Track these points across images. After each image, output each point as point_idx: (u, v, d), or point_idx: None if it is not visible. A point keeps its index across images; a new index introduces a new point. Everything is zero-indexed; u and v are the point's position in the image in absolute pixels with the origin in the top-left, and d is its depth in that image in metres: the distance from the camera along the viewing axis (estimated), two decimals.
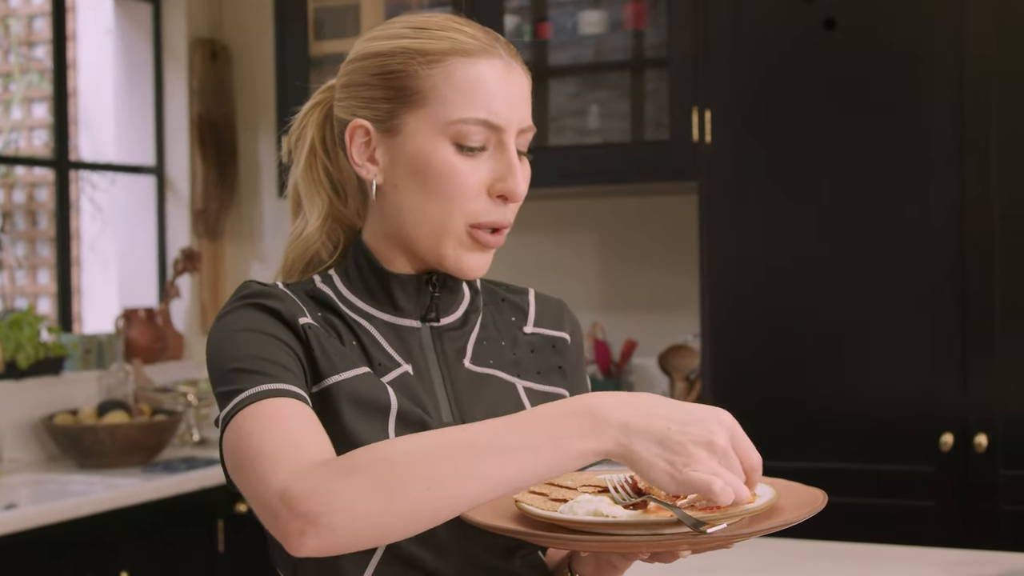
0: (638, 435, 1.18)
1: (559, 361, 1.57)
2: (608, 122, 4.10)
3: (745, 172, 3.47)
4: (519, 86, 1.45)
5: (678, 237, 4.10)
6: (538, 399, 1.52)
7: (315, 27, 4.22)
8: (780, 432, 3.41)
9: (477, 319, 1.54)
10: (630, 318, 4.22)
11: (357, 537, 1.18)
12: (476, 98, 1.41)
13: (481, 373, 1.50)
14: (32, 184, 5.86)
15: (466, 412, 1.46)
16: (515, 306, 1.59)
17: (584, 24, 3.95)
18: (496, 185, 1.43)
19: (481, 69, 1.42)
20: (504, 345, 1.54)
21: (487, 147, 1.42)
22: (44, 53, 5.77)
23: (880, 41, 3.34)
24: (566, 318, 1.61)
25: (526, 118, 1.45)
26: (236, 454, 1.28)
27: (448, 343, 1.49)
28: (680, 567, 2.45)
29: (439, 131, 1.41)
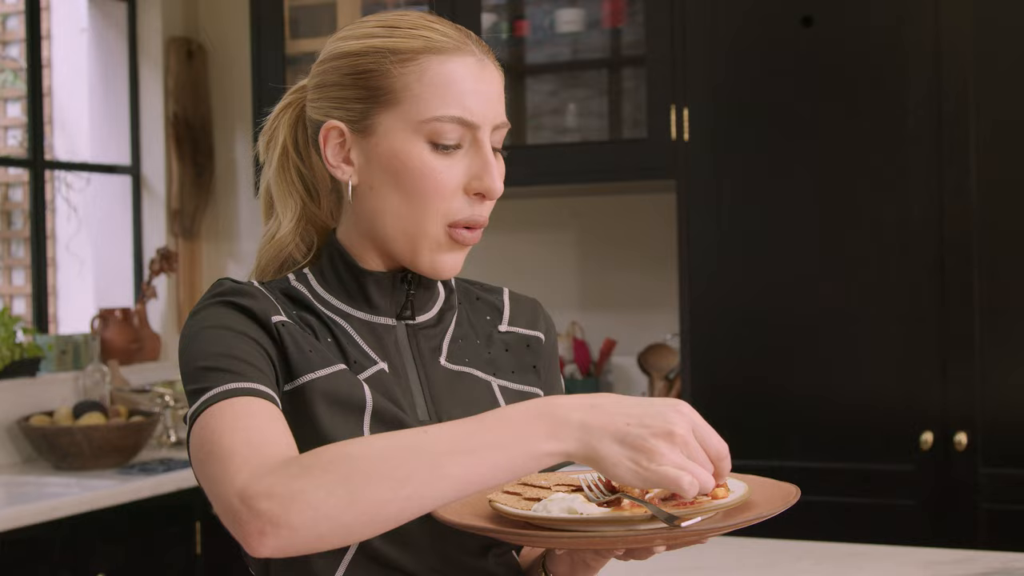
0: (599, 434, 1.19)
1: (533, 360, 1.57)
2: (586, 120, 4.09)
3: (723, 170, 3.47)
4: (492, 83, 1.45)
5: (657, 236, 4.10)
6: (513, 398, 1.52)
7: (291, 26, 4.20)
8: (760, 431, 3.41)
9: (452, 317, 1.53)
10: (609, 317, 4.21)
11: (319, 538, 1.18)
12: (450, 96, 1.41)
13: (457, 371, 1.49)
14: (7, 184, 5.82)
15: (442, 410, 1.45)
16: (490, 305, 1.59)
17: (561, 22, 3.94)
18: (472, 183, 1.42)
19: (454, 67, 1.42)
20: (479, 343, 1.54)
21: (462, 145, 1.42)
22: (18, 52, 5.72)
23: (858, 39, 3.34)
24: (541, 317, 1.61)
25: (500, 114, 1.45)
26: (200, 452, 1.26)
27: (424, 341, 1.49)
28: (660, 567, 2.44)
29: (413, 130, 1.41)
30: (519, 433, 1.19)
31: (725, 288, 3.46)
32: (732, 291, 3.45)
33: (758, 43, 3.44)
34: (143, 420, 4.00)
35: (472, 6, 3.90)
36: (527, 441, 1.19)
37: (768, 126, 3.43)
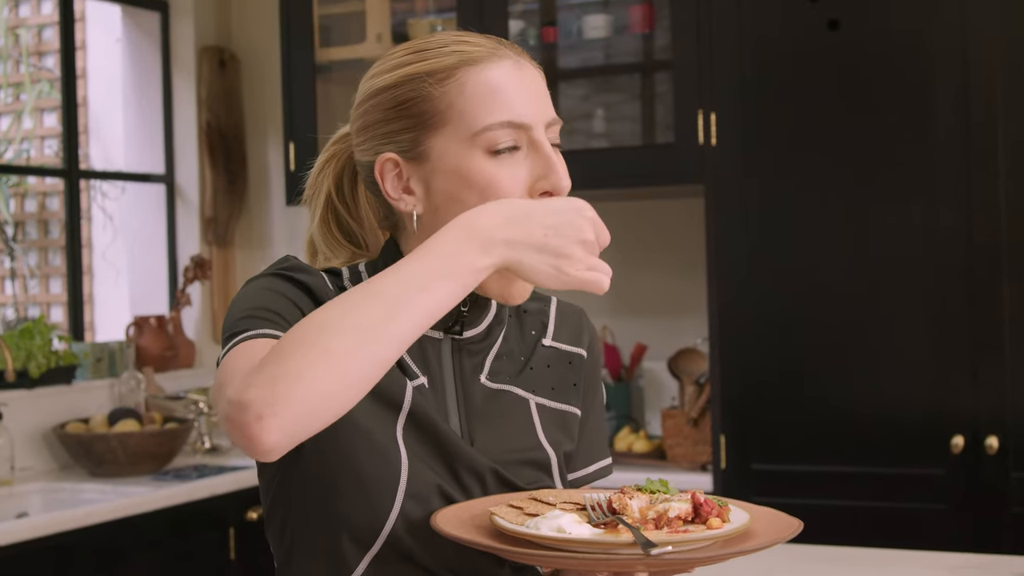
0: (522, 247, 1.29)
1: (575, 378, 1.56)
2: (617, 125, 4.09)
3: (750, 174, 3.47)
4: (534, 80, 1.44)
5: (687, 240, 4.10)
6: (550, 416, 1.52)
7: (320, 34, 4.23)
8: (789, 435, 3.40)
9: (500, 332, 1.52)
10: (639, 322, 4.21)
11: (313, 413, 1.20)
12: (495, 102, 1.40)
13: (496, 389, 1.49)
14: (43, 193, 5.88)
15: (474, 427, 1.46)
16: (536, 318, 1.58)
17: (589, 28, 3.95)
18: (538, 183, 1.41)
19: (492, 73, 1.41)
20: (522, 359, 1.54)
21: (520, 147, 1.41)
22: (54, 63, 5.78)
23: (885, 43, 3.33)
24: (585, 331, 1.61)
25: (550, 111, 1.44)
26: (214, 386, 1.29)
27: (467, 357, 1.49)
28: None
29: (468, 145, 1.40)
30: (457, 259, 1.26)
31: (754, 292, 3.46)
32: (761, 295, 3.45)
33: (785, 47, 3.44)
34: (177, 427, 4.03)
35: (500, 13, 3.92)
36: (466, 262, 1.26)
37: (795, 130, 3.42)
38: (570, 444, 1.53)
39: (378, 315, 1.22)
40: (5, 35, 5.89)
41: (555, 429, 1.52)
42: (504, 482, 1.45)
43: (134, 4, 4.74)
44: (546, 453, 1.49)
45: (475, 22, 3.93)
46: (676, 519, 1.29)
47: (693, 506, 1.30)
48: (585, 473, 1.57)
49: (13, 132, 5.87)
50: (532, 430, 1.50)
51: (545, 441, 1.50)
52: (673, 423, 3.78)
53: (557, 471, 1.50)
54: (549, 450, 1.50)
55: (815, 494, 3.37)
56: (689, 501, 1.31)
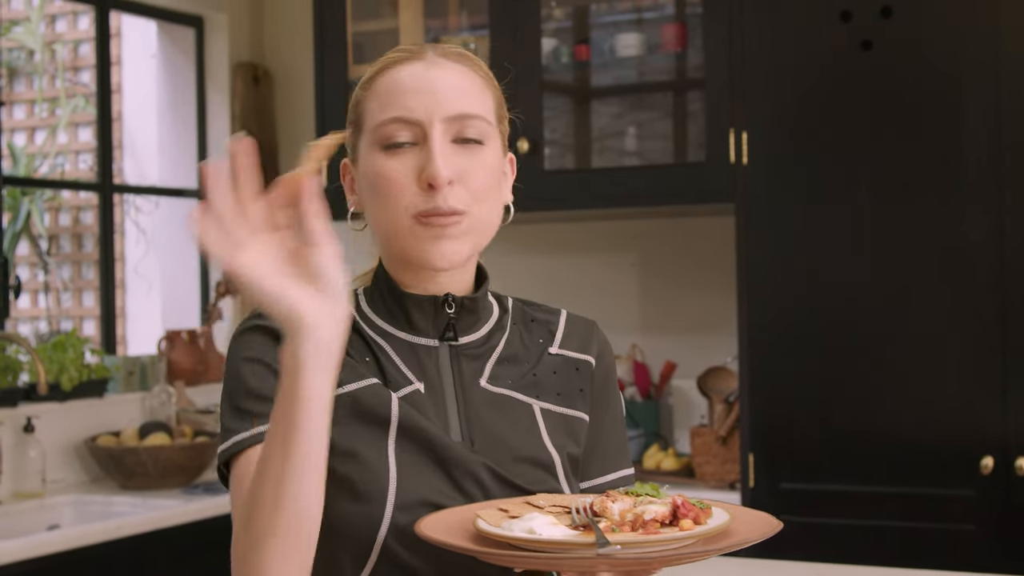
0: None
1: (581, 383, 1.58)
2: (650, 143, 4.10)
3: (782, 193, 3.47)
4: (443, 79, 1.49)
5: (717, 259, 4.10)
6: (555, 420, 1.53)
7: (354, 51, 4.25)
8: (819, 454, 3.39)
9: (502, 337, 1.56)
10: (669, 340, 4.21)
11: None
12: (391, 100, 1.48)
13: (497, 393, 1.52)
14: (78, 207, 5.93)
15: (476, 431, 1.48)
16: (544, 326, 1.60)
17: (622, 46, 3.96)
18: (422, 175, 1.46)
19: (398, 75, 1.49)
20: (527, 365, 1.55)
21: (417, 143, 1.47)
22: (89, 78, 5.83)
23: (917, 62, 3.33)
24: (595, 341, 1.62)
25: (457, 107, 1.48)
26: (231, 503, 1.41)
27: (466, 362, 1.52)
28: None
29: (371, 142, 1.49)
30: (305, 389, 1.24)
31: (784, 311, 3.45)
32: (791, 314, 3.45)
33: (817, 66, 3.44)
34: (208, 440, 4.05)
35: (533, 30, 3.93)
36: (312, 385, 1.24)
37: (826, 149, 3.42)
38: (576, 448, 1.55)
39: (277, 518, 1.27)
40: (42, 50, 5.94)
41: (560, 433, 1.53)
42: (503, 481, 1.46)
43: (169, 20, 4.78)
44: (549, 454, 1.51)
45: (508, 40, 3.94)
46: (652, 521, 1.30)
47: (672, 509, 1.31)
48: (603, 481, 1.58)
49: (48, 146, 5.92)
50: (535, 432, 1.51)
51: (549, 443, 1.51)
52: (702, 441, 3.78)
53: (562, 473, 1.51)
54: (552, 451, 1.51)
55: (843, 514, 3.35)
56: (669, 505, 1.32)
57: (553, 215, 4.16)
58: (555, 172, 4.00)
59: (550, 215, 4.15)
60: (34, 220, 5.82)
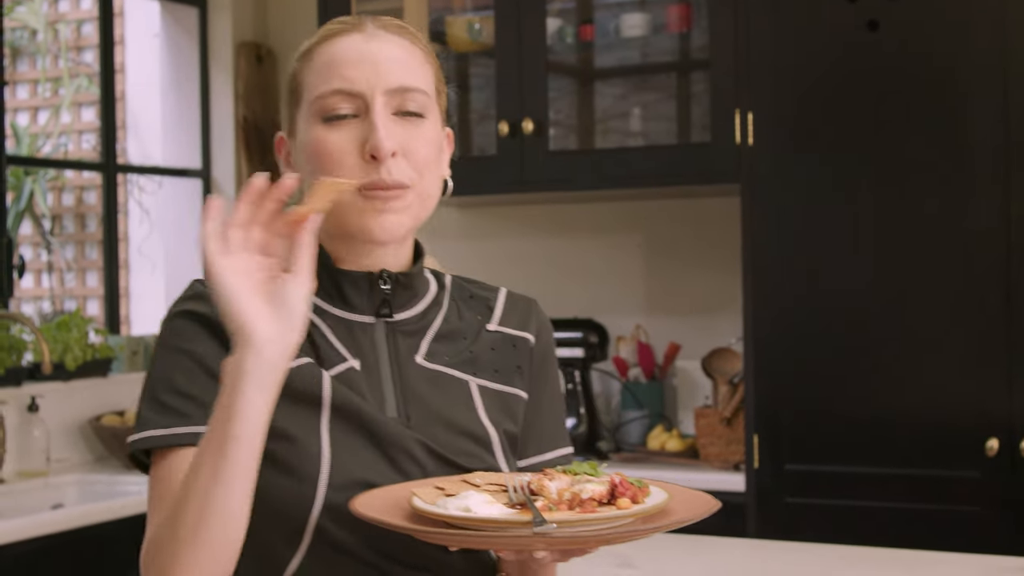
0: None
1: (519, 361, 1.57)
2: (654, 124, 4.09)
3: (788, 175, 3.46)
4: (384, 51, 1.47)
5: (722, 240, 4.09)
6: (492, 397, 1.53)
7: None
8: (824, 436, 3.39)
9: (439, 314, 1.55)
10: (673, 321, 4.20)
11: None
12: (330, 72, 1.46)
13: (433, 370, 1.51)
14: (81, 187, 5.92)
15: (412, 408, 1.47)
16: (482, 303, 1.60)
17: (626, 27, 3.95)
18: (365, 146, 1.44)
19: (337, 47, 1.48)
20: (464, 341, 1.55)
21: (358, 115, 1.46)
22: (92, 57, 5.82)
23: (924, 43, 3.32)
24: (533, 318, 1.62)
25: (398, 79, 1.46)
26: (148, 497, 1.41)
27: (402, 339, 1.51)
28: (714, 572, 2.44)
29: (309, 114, 1.47)
30: (243, 403, 1.27)
31: (790, 293, 3.45)
32: (796, 295, 3.44)
33: (823, 47, 3.43)
34: None
35: (538, 11, 3.92)
36: (250, 401, 1.27)
37: (833, 131, 3.41)
38: (513, 426, 1.54)
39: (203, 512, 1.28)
40: (45, 30, 5.93)
41: (496, 410, 1.53)
42: (440, 459, 1.45)
43: (172, 0, 4.77)
44: (486, 430, 1.50)
45: (512, 19, 3.93)
46: (589, 500, 1.29)
47: (610, 488, 1.31)
48: (541, 460, 1.57)
49: (52, 126, 5.91)
50: (472, 408, 1.50)
51: (486, 419, 1.50)
52: (706, 422, 3.77)
53: (500, 450, 1.50)
54: (489, 428, 1.50)
55: (848, 495, 3.35)
56: (607, 483, 1.31)
57: (558, 196, 4.15)
58: (560, 152, 3.99)
59: (555, 196, 4.14)
60: (37, 200, 5.82)
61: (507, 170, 3.95)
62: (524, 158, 3.92)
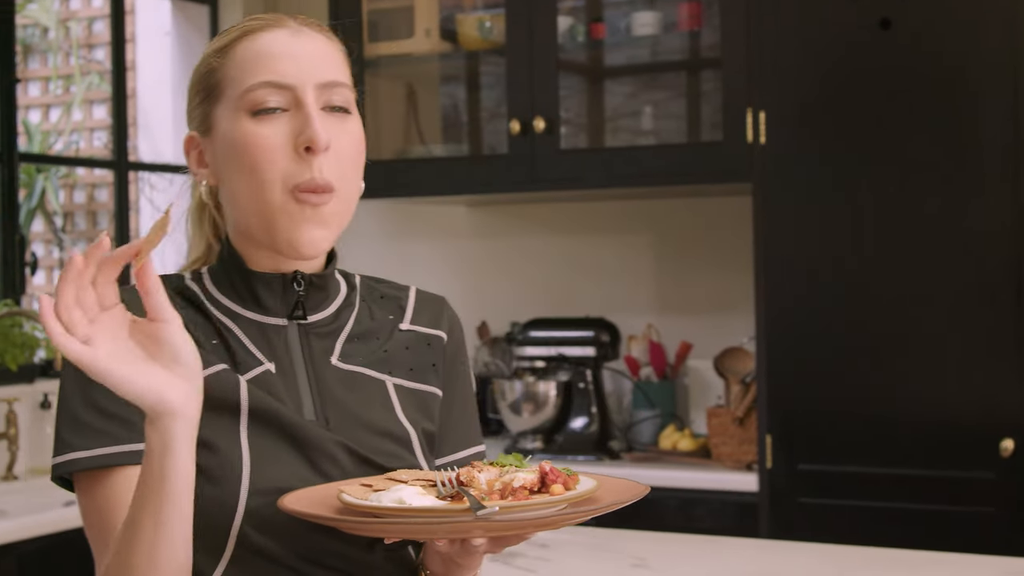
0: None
1: (433, 359, 1.56)
2: (663, 123, 4.09)
3: (800, 173, 3.45)
4: (309, 46, 1.47)
5: (733, 239, 4.08)
6: (408, 396, 1.52)
7: (369, 29, 4.23)
8: (837, 437, 3.38)
9: (351, 315, 1.53)
10: (685, 320, 4.20)
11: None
12: (259, 65, 1.44)
13: (348, 371, 1.49)
14: (92, 185, 5.93)
15: (330, 410, 1.46)
16: (393, 302, 1.59)
17: (638, 25, 3.94)
18: (299, 139, 1.41)
19: (262, 41, 1.46)
20: (377, 341, 1.54)
21: (288, 109, 1.43)
22: (104, 55, 5.82)
23: (936, 42, 3.31)
24: (445, 316, 1.61)
25: (326, 73, 1.45)
26: (83, 522, 1.41)
27: (316, 340, 1.49)
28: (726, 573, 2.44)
29: (235, 108, 1.44)
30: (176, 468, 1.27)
31: (802, 292, 3.44)
32: (808, 295, 3.43)
33: (835, 45, 3.42)
34: None
35: (548, 9, 3.91)
36: (182, 464, 1.27)
37: (845, 129, 3.40)
38: (431, 424, 1.53)
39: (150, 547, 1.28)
40: (56, 27, 5.94)
41: (413, 409, 1.52)
42: (361, 459, 1.44)
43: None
44: (405, 429, 1.49)
45: (524, 17, 3.92)
46: (521, 489, 1.30)
47: (540, 476, 1.32)
48: (456, 458, 1.57)
49: (63, 124, 5.92)
50: (390, 408, 1.50)
51: (404, 418, 1.50)
52: (719, 422, 3.77)
53: (419, 448, 1.50)
54: (408, 427, 1.50)
55: (862, 496, 3.35)
56: (536, 472, 1.32)
57: (568, 194, 4.14)
58: (571, 151, 3.99)
59: (565, 194, 4.14)
60: (49, 197, 5.83)
61: (518, 169, 3.94)
62: (536, 157, 3.91)
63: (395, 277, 1.67)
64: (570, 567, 2.49)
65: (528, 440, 3.99)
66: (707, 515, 3.58)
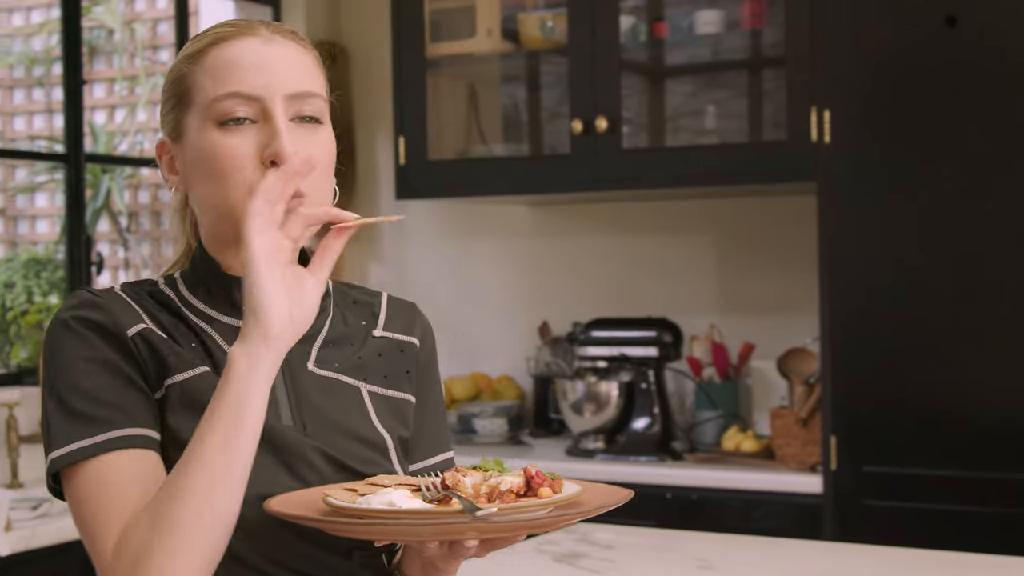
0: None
1: (407, 365, 1.56)
2: (725, 122, 4.07)
3: (865, 172, 3.42)
4: (281, 56, 1.45)
5: (796, 238, 4.05)
6: (382, 404, 1.52)
7: (431, 29, 4.24)
8: (902, 438, 3.35)
9: (325, 321, 1.53)
10: (748, 321, 4.17)
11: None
12: (227, 75, 1.42)
13: (324, 376, 1.49)
14: (156, 185, 5.98)
15: (307, 415, 1.45)
16: (366, 308, 1.58)
17: (700, 23, 3.92)
18: (266, 152, 1.41)
19: (233, 50, 1.44)
20: (352, 347, 1.53)
21: (257, 120, 1.42)
22: (168, 56, 5.88)
23: (1003, 37, 3.26)
24: (417, 322, 1.60)
25: (296, 84, 1.44)
26: (74, 518, 1.36)
27: (293, 346, 1.47)
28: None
29: (203, 118, 1.43)
30: (248, 393, 1.30)
31: (866, 292, 3.41)
32: (874, 295, 3.40)
33: (900, 43, 3.38)
34: None
35: (611, 7, 3.90)
36: (262, 392, 1.31)
37: (912, 127, 3.37)
38: (405, 431, 1.53)
39: (210, 486, 1.28)
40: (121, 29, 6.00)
41: (388, 416, 1.52)
42: (338, 465, 1.44)
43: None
44: (381, 436, 1.49)
45: (586, 17, 3.92)
46: (508, 492, 1.31)
47: (525, 480, 1.33)
48: (426, 465, 1.56)
49: (128, 124, 5.98)
50: (365, 414, 1.49)
51: (379, 425, 1.50)
52: (782, 423, 3.74)
53: (395, 455, 1.50)
54: (384, 433, 1.49)
55: (928, 498, 3.31)
56: (522, 476, 1.33)
57: (629, 194, 4.13)
58: (633, 151, 3.98)
59: (626, 194, 4.13)
60: (114, 197, 5.89)
61: (581, 168, 3.94)
62: (598, 156, 3.91)
63: (457, 278, 1.68)
64: (636, 568, 2.49)
65: (590, 440, 3.98)
66: (769, 517, 3.56)
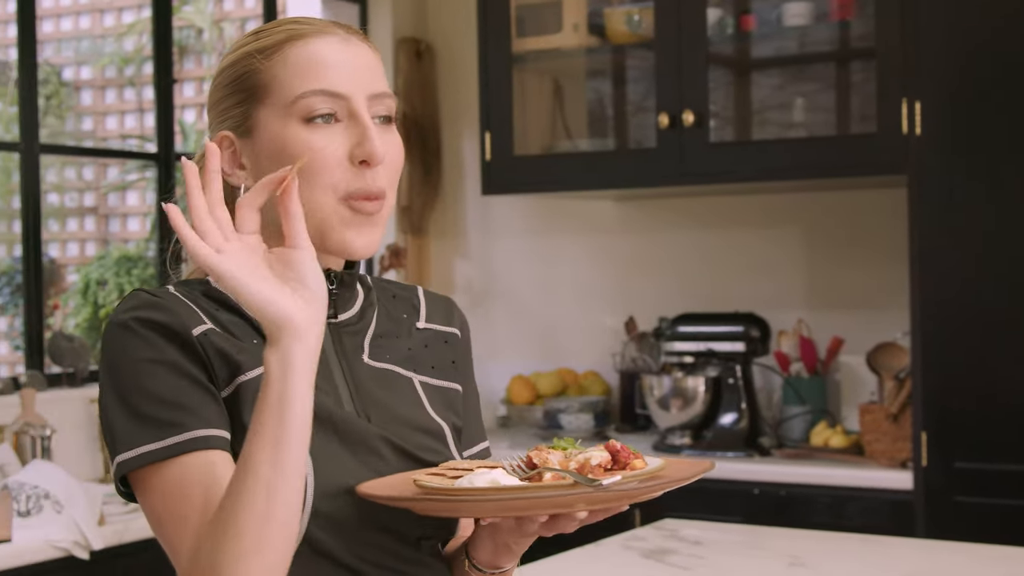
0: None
1: (452, 356, 1.59)
2: (813, 115, 4.03)
3: (956, 165, 3.37)
4: (360, 56, 1.46)
5: (886, 232, 4.01)
6: (435, 393, 1.54)
7: (517, 24, 4.25)
8: (994, 434, 3.30)
9: (373, 314, 1.54)
10: (836, 315, 4.14)
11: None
12: (312, 72, 1.43)
13: (379, 368, 1.50)
14: None
15: (368, 406, 1.47)
16: (406, 302, 1.60)
17: (788, 15, 3.89)
18: (355, 151, 1.42)
19: (315, 47, 1.44)
20: (399, 340, 1.55)
21: (341, 118, 1.43)
22: None
23: None
24: (455, 315, 1.63)
25: (375, 85, 1.45)
26: (149, 522, 1.37)
27: (347, 339, 1.50)
28: (819, 561, 2.40)
29: (285, 114, 1.43)
30: (297, 392, 1.28)
31: (958, 286, 3.37)
32: (965, 289, 3.36)
33: (993, 35, 3.33)
34: None
35: (697, 2, 3.88)
36: (302, 389, 1.29)
37: (1003, 119, 3.32)
38: (458, 419, 1.55)
39: (272, 487, 1.27)
40: (210, 28, 6.08)
41: (441, 406, 1.54)
42: (403, 453, 1.45)
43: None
44: (438, 424, 1.51)
45: (673, 11, 3.90)
46: (598, 467, 1.32)
47: (612, 454, 1.34)
48: (470, 453, 1.58)
49: None
50: (420, 405, 1.51)
51: (434, 414, 1.51)
52: (872, 418, 3.70)
53: (452, 443, 1.52)
54: (440, 421, 1.51)
55: (1019, 495, 3.26)
56: (605, 451, 1.35)
57: (716, 188, 4.12)
58: (720, 144, 3.96)
59: (713, 188, 4.11)
60: None
61: (667, 162, 3.93)
62: (685, 150, 3.89)
63: (542, 273, 1.69)
64: (727, 565, 2.48)
65: (676, 436, 3.97)
66: (858, 514, 3.52)
